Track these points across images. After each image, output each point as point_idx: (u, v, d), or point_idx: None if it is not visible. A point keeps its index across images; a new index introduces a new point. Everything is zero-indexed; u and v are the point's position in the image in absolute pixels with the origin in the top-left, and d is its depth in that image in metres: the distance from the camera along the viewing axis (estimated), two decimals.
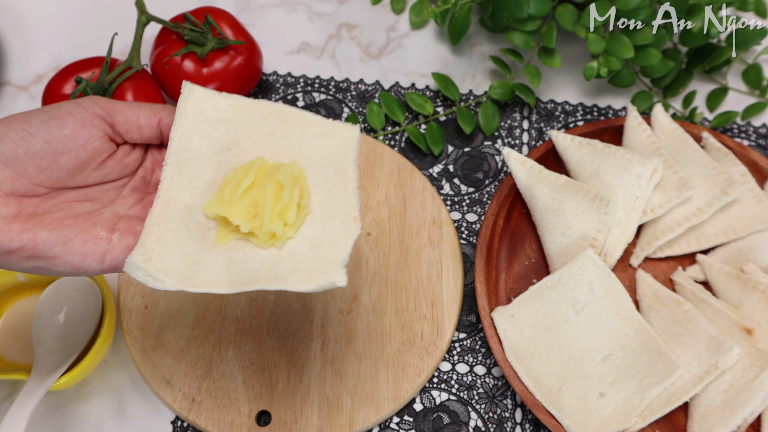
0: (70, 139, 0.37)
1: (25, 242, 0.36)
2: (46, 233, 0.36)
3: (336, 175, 0.41)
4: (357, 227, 0.38)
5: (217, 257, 0.39)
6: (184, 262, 0.38)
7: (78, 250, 0.37)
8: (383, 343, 0.57)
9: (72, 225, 0.38)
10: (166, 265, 0.38)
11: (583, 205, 0.57)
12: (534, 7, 0.61)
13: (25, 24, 0.73)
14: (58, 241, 0.37)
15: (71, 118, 0.37)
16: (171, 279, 0.37)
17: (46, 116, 0.37)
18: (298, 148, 0.41)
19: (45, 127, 0.37)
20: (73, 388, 0.56)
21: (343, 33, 0.73)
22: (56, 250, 0.37)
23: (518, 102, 0.69)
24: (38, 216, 0.37)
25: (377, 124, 0.66)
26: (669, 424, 0.54)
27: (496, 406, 0.56)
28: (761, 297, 0.54)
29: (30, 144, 0.36)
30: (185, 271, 0.38)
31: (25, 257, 0.36)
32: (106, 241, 0.38)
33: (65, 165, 0.38)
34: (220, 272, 0.38)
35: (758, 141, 0.67)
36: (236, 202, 0.38)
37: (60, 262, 0.37)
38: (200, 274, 0.38)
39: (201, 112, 0.41)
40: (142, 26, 0.62)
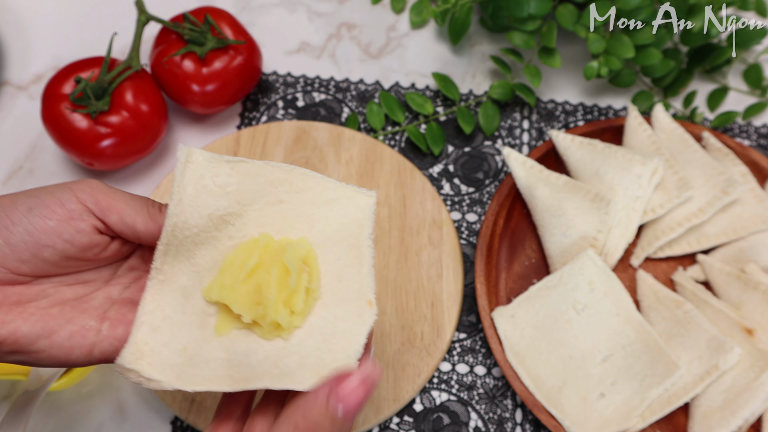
0: (54, 232, 0.33)
1: (5, 337, 0.33)
2: (28, 327, 0.33)
3: (349, 252, 0.37)
4: (372, 313, 0.35)
5: (217, 349, 0.35)
6: (181, 356, 0.35)
7: (63, 344, 0.34)
8: (383, 343, 0.57)
9: (58, 315, 0.34)
10: (160, 362, 0.34)
11: (583, 205, 0.57)
12: (534, 6, 0.61)
13: (24, 24, 0.73)
14: (41, 335, 0.33)
15: (59, 208, 0.33)
16: (166, 377, 0.34)
17: (33, 203, 0.33)
18: (307, 219, 0.37)
19: (29, 215, 0.33)
20: (73, 388, 0.56)
21: (343, 33, 0.73)
22: (39, 344, 0.33)
23: (518, 102, 0.69)
24: (22, 305, 0.34)
25: (377, 124, 0.66)
26: (669, 425, 0.54)
27: (496, 406, 0.56)
28: (762, 297, 0.54)
29: (10, 234, 0.33)
30: (182, 366, 0.34)
31: (6, 351, 0.33)
32: (95, 332, 0.35)
33: (49, 258, 0.34)
34: (220, 367, 0.35)
35: (759, 141, 0.67)
36: (238, 288, 0.35)
37: (44, 356, 0.34)
38: (199, 369, 0.34)
39: (199, 181, 0.36)
40: (142, 26, 0.61)
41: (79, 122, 0.58)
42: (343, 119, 0.68)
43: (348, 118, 0.67)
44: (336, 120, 0.68)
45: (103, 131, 0.58)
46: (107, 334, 0.35)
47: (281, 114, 0.68)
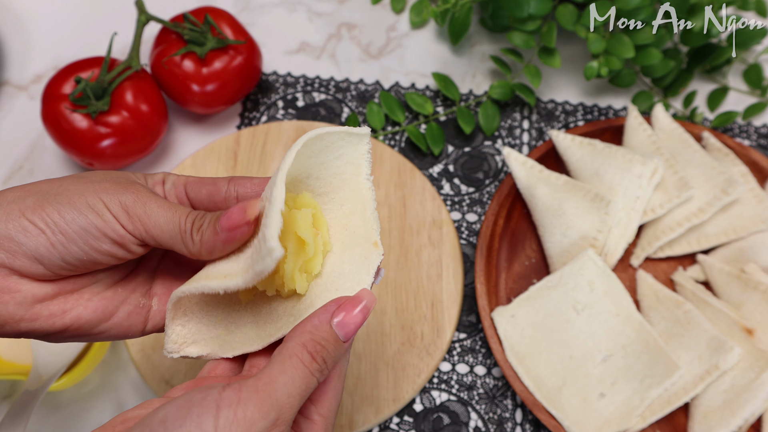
0: (109, 254, 0.35)
1: (68, 324, 0.35)
2: (89, 313, 0.35)
3: (351, 197, 0.38)
4: (378, 253, 0.36)
5: (245, 315, 0.37)
6: (217, 328, 0.37)
7: (122, 324, 0.37)
8: (383, 343, 0.57)
9: (113, 297, 0.37)
10: (202, 338, 0.36)
11: (583, 205, 0.57)
12: (534, 6, 0.61)
13: (24, 24, 0.73)
14: (101, 319, 0.36)
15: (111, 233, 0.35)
16: (211, 348, 0.36)
17: (85, 223, 0.34)
18: (307, 172, 0.37)
19: (84, 236, 0.34)
20: (73, 388, 0.56)
21: (343, 33, 0.73)
22: (101, 327, 0.36)
23: (518, 102, 0.69)
24: (77, 291, 0.36)
25: (377, 124, 0.66)
26: (669, 425, 0.54)
27: (496, 406, 0.56)
28: (762, 297, 0.54)
29: (68, 252, 0.34)
30: (221, 336, 0.36)
31: (68, 336, 0.35)
32: (147, 309, 0.38)
33: (101, 267, 0.36)
34: (250, 330, 0.36)
35: (759, 141, 0.67)
36: None
37: (104, 336, 0.36)
38: (234, 335, 0.37)
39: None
40: (142, 26, 0.61)
41: (79, 122, 0.58)
42: (343, 119, 0.68)
43: (348, 118, 0.67)
44: (336, 120, 0.67)
45: (103, 131, 0.58)
46: (157, 309, 0.38)
47: (281, 114, 0.68)
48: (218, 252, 0.36)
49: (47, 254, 0.34)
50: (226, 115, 0.68)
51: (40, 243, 0.33)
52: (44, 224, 0.34)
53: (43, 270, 0.34)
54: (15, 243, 0.33)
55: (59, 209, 0.34)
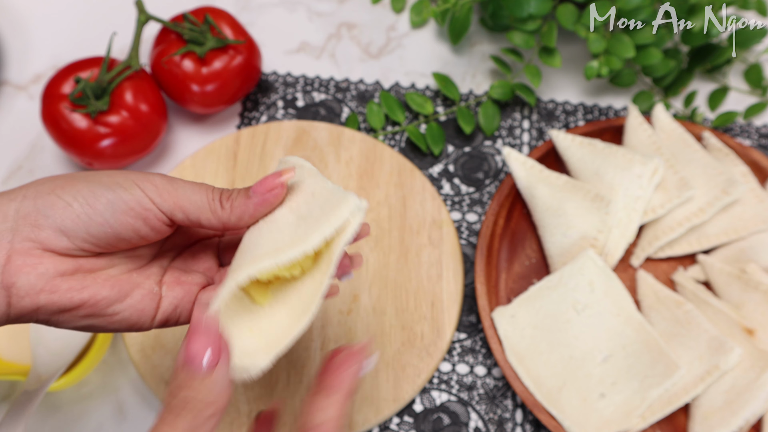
0: (132, 229, 0.36)
1: (86, 299, 0.35)
2: (106, 291, 0.36)
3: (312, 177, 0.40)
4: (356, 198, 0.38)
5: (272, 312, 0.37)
6: (253, 337, 0.37)
7: (136, 307, 0.37)
8: (383, 343, 0.57)
9: (127, 281, 0.37)
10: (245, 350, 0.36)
11: (583, 205, 0.57)
12: (534, 6, 0.61)
13: (24, 23, 0.73)
14: (116, 299, 0.36)
15: (138, 208, 0.36)
16: (259, 356, 0.35)
17: (112, 197, 0.35)
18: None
19: (110, 210, 0.35)
20: (72, 388, 0.56)
21: (343, 32, 0.73)
22: (116, 307, 0.36)
23: (518, 102, 0.68)
24: (95, 272, 0.36)
25: (377, 124, 0.66)
26: (670, 425, 0.53)
27: (496, 406, 0.56)
28: (762, 297, 0.54)
29: (92, 223, 0.35)
30: (261, 342, 0.36)
31: (82, 315, 0.36)
32: (158, 297, 0.38)
33: (120, 246, 0.37)
34: (287, 316, 0.37)
35: (760, 141, 0.67)
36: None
37: (117, 319, 0.37)
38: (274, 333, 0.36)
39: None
40: (142, 26, 0.61)
41: (79, 122, 0.58)
42: (343, 119, 0.68)
43: (348, 118, 0.67)
44: (336, 120, 0.67)
45: (102, 131, 0.58)
46: (166, 295, 0.38)
47: (281, 114, 0.68)
48: (248, 218, 0.37)
49: (72, 226, 0.34)
50: (225, 115, 0.68)
51: (66, 215, 0.34)
52: (72, 198, 0.35)
53: (66, 243, 0.35)
54: (42, 216, 0.34)
55: (89, 186, 0.35)
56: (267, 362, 0.35)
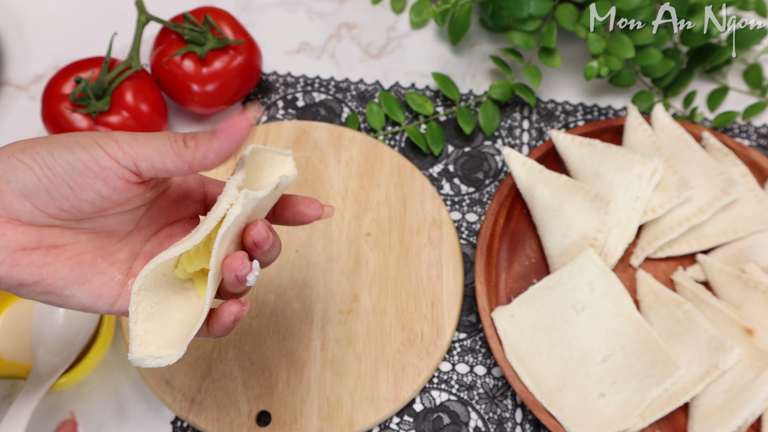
0: (94, 190, 0.35)
1: (44, 277, 0.35)
2: (66, 272, 0.36)
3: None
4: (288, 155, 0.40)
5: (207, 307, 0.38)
6: (181, 328, 0.37)
7: (93, 292, 0.37)
8: (383, 343, 0.57)
9: (90, 263, 0.37)
10: (166, 340, 0.37)
11: (583, 205, 0.57)
12: (534, 6, 0.61)
13: (24, 24, 0.73)
14: (75, 281, 0.36)
15: (97, 167, 0.35)
16: (176, 348, 0.36)
17: (72, 158, 0.34)
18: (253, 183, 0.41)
19: (69, 171, 0.34)
20: (73, 388, 0.56)
21: (343, 33, 0.73)
22: (72, 290, 0.36)
23: (518, 102, 0.69)
24: (59, 248, 0.36)
25: (377, 124, 0.66)
26: (669, 425, 0.54)
27: (496, 406, 0.56)
28: (762, 297, 0.54)
29: (54, 186, 0.34)
30: (185, 333, 0.37)
31: (39, 291, 0.35)
32: (121, 286, 0.38)
33: (87, 210, 0.36)
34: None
35: (759, 141, 0.67)
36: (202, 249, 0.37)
37: (73, 300, 0.36)
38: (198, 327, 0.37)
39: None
40: (142, 26, 0.61)
41: (79, 122, 0.58)
42: (343, 119, 0.68)
43: (348, 118, 0.67)
44: (336, 120, 0.68)
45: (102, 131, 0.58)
46: (131, 290, 0.38)
47: (281, 114, 0.68)
48: (213, 156, 0.36)
49: (34, 189, 0.34)
50: (225, 115, 0.68)
51: (27, 178, 0.34)
52: (32, 160, 0.34)
53: (29, 207, 0.34)
54: (3, 181, 0.34)
55: (48, 148, 0.35)
56: (180, 355, 0.36)
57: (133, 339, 0.36)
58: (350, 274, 0.59)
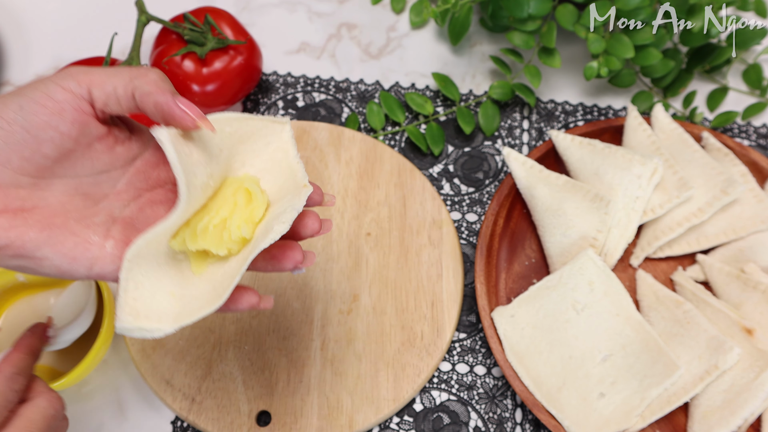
0: (50, 126, 0.34)
1: (12, 240, 0.34)
2: (35, 233, 0.34)
3: (283, 172, 0.41)
4: (308, 189, 0.38)
5: (201, 284, 0.38)
6: (171, 301, 0.37)
7: (67, 254, 0.35)
8: (383, 343, 0.57)
9: (62, 226, 0.35)
10: (156, 311, 0.36)
11: (583, 205, 0.57)
12: (534, 7, 0.61)
13: (24, 24, 0.73)
14: (46, 242, 0.35)
15: (48, 102, 0.34)
16: (166, 322, 0.36)
17: (23, 101, 0.34)
18: (241, 158, 0.41)
19: (21, 113, 0.34)
20: (73, 388, 0.56)
21: (343, 33, 0.73)
22: (44, 251, 0.35)
23: (518, 102, 0.69)
24: (27, 211, 0.35)
25: (377, 124, 0.66)
26: (669, 425, 0.54)
27: (496, 406, 0.56)
28: (761, 297, 0.54)
29: (9, 134, 0.34)
30: (176, 309, 0.37)
31: (10, 255, 0.34)
32: (98, 248, 0.36)
33: (49, 154, 0.35)
34: (208, 294, 0.37)
35: (758, 141, 0.67)
36: (211, 231, 0.37)
37: (47, 263, 0.35)
38: (191, 304, 0.37)
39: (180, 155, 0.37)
40: (142, 26, 0.62)
41: None
42: (343, 119, 0.68)
43: (348, 118, 0.67)
44: (336, 120, 0.68)
45: None
46: (110, 252, 0.36)
47: (281, 114, 0.68)
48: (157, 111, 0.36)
49: None
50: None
51: None
52: None
53: None
54: None
55: (4, 100, 0.34)
56: (170, 331, 0.36)
57: (121, 306, 0.36)
58: (350, 274, 0.59)
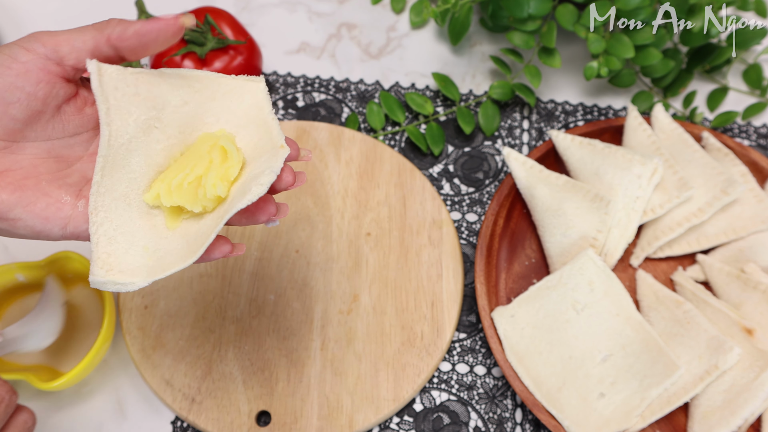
0: (16, 87, 0.35)
1: None
2: (7, 194, 0.35)
3: (258, 129, 0.41)
4: (285, 150, 0.38)
5: (175, 240, 0.38)
6: (144, 256, 0.37)
7: (40, 214, 0.36)
8: (383, 343, 0.57)
9: (33, 187, 0.36)
10: (129, 265, 0.37)
11: (583, 205, 0.57)
12: (534, 6, 0.61)
13: (24, 24, 0.73)
14: (18, 203, 0.35)
15: (14, 64, 0.35)
16: (139, 276, 0.36)
17: None
18: (213, 113, 0.41)
19: None
20: (73, 388, 0.56)
21: (343, 33, 0.73)
22: (16, 212, 0.35)
23: (518, 102, 0.69)
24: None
25: (377, 124, 0.66)
26: (669, 425, 0.54)
27: (496, 406, 0.56)
28: (761, 297, 0.54)
29: None
30: (150, 263, 0.37)
31: None
32: (71, 207, 0.37)
33: (18, 115, 0.35)
34: (182, 249, 0.38)
35: (759, 141, 0.67)
36: (185, 188, 0.38)
37: (21, 224, 0.36)
38: (164, 259, 0.37)
39: (116, 91, 0.38)
40: None
41: None
42: (343, 119, 0.68)
43: (348, 118, 0.67)
44: (336, 120, 0.68)
45: None
46: (83, 211, 0.37)
47: (281, 114, 0.68)
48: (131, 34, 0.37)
49: None
50: None
51: None
52: None
53: None
54: None
55: None
56: (143, 285, 0.36)
57: (94, 261, 0.36)
58: (350, 274, 0.59)
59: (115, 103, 0.38)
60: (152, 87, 0.39)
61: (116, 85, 0.38)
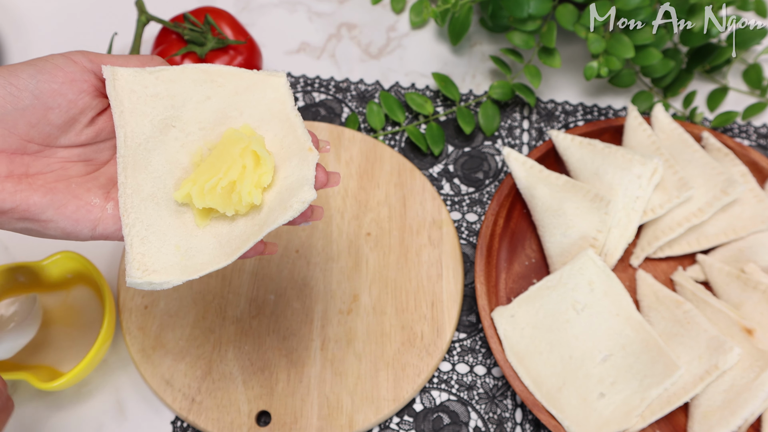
0: (60, 94, 0.36)
1: (18, 203, 0.36)
2: (39, 196, 0.36)
3: (282, 125, 0.41)
4: (315, 154, 0.39)
5: (205, 238, 0.39)
6: (176, 255, 0.38)
7: (71, 216, 0.37)
8: (383, 343, 0.57)
9: (64, 190, 0.37)
10: (163, 264, 0.38)
11: (583, 205, 0.57)
12: (534, 6, 0.61)
13: (24, 24, 0.73)
14: (50, 205, 0.36)
15: (60, 72, 0.37)
16: (173, 275, 0.37)
17: (34, 70, 0.36)
18: (236, 108, 0.41)
19: (33, 81, 0.36)
20: (72, 388, 0.56)
21: (343, 33, 0.73)
22: (48, 214, 0.37)
23: (518, 102, 0.69)
24: (30, 176, 0.37)
25: (377, 124, 0.66)
26: (669, 425, 0.54)
27: (496, 406, 0.56)
28: (761, 297, 0.54)
29: (19, 99, 0.36)
30: (182, 262, 0.38)
31: (16, 218, 0.36)
32: (100, 209, 0.38)
33: (55, 121, 0.37)
34: (213, 249, 0.39)
35: (759, 141, 0.67)
36: (218, 192, 0.38)
37: (52, 226, 0.37)
38: (196, 259, 0.38)
39: (132, 93, 0.39)
40: (142, 26, 0.62)
41: None
42: (343, 119, 0.68)
43: (348, 118, 0.67)
44: (336, 120, 0.68)
45: None
46: (111, 213, 0.38)
47: None
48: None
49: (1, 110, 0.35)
50: None
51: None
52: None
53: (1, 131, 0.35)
54: None
55: (9, 69, 0.36)
56: (177, 283, 0.37)
57: (130, 262, 0.37)
58: (350, 274, 0.59)
59: (130, 106, 0.39)
60: (172, 84, 0.40)
61: (132, 88, 0.39)
